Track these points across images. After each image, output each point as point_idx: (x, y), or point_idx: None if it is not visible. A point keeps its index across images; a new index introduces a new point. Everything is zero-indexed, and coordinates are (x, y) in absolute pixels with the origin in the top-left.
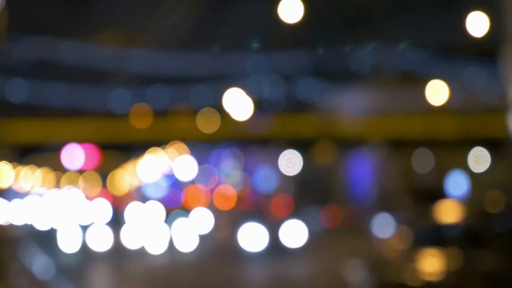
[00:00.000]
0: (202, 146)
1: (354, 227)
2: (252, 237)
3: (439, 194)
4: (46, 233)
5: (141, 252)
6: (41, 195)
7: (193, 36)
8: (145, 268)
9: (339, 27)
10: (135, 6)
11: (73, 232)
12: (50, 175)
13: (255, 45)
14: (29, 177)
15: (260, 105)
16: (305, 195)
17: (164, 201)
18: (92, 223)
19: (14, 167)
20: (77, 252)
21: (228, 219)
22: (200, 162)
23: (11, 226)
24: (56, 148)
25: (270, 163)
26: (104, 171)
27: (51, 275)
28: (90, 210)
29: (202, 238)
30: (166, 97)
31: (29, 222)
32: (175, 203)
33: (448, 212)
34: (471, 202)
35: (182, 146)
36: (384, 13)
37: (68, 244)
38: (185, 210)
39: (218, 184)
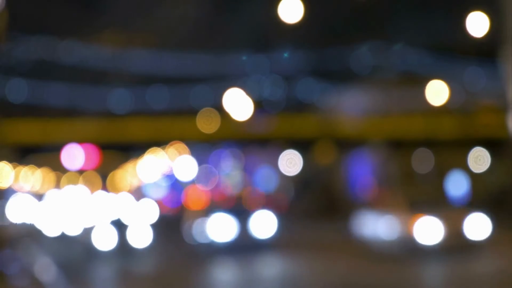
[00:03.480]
0: (202, 146)
1: None
2: None
3: None
4: (46, 233)
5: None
6: (40, 195)
7: (193, 36)
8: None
9: (339, 27)
10: (135, 6)
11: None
12: (50, 175)
13: (253, 40)
14: (29, 177)
15: (260, 105)
16: (305, 195)
17: (164, 201)
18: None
19: (14, 167)
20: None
21: None
22: (200, 162)
23: (11, 226)
24: (56, 148)
25: (270, 163)
26: (104, 171)
27: (51, 275)
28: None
29: None
30: (166, 97)
31: (29, 222)
32: (175, 203)
33: None
34: None
35: (182, 146)
36: (384, 13)
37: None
38: None
39: (218, 184)
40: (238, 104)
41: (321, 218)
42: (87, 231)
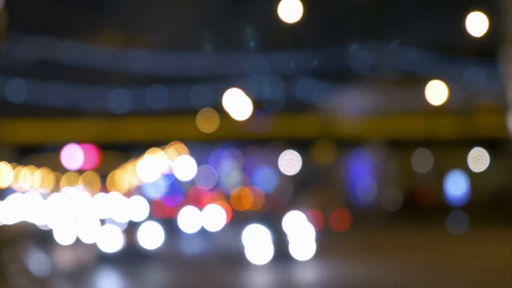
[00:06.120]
0: (202, 147)
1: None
2: None
3: None
4: (46, 233)
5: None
6: (40, 195)
7: (193, 36)
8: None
9: (339, 27)
10: (135, 7)
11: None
12: (50, 175)
13: (252, 44)
14: (29, 178)
15: (259, 105)
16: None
17: (163, 200)
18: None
19: (14, 168)
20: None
21: None
22: (199, 163)
23: (11, 226)
24: (56, 148)
25: (270, 163)
26: (103, 171)
27: (51, 275)
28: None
29: None
30: (166, 97)
31: (29, 222)
32: (174, 203)
33: None
34: None
35: (181, 146)
36: (384, 13)
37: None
38: None
39: (217, 184)
40: (237, 104)
41: None
42: None
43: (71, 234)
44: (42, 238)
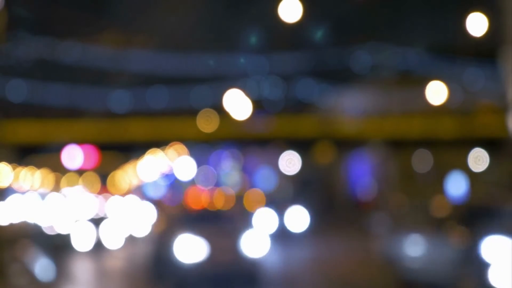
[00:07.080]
0: (202, 147)
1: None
2: None
3: None
4: (47, 234)
5: None
6: (41, 195)
7: (193, 37)
8: None
9: (339, 27)
10: (135, 7)
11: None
12: (50, 176)
13: (253, 40)
14: (29, 179)
15: (259, 105)
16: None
17: (163, 200)
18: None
19: (14, 168)
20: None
21: None
22: (199, 163)
23: (11, 226)
24: (56, 149)
25: (269, 163)
26: (103, 171)
27: (52, 276)
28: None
29: None
30: (166, 97)
31: (29, 222)
32: (174, 203)
33: None
34: None
35: (181, 147)
36: (384, 13)
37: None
38: None
39: (217, 184)
40: (237, 104)
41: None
42: None
43: (89, 239)
44: (46, 240)
